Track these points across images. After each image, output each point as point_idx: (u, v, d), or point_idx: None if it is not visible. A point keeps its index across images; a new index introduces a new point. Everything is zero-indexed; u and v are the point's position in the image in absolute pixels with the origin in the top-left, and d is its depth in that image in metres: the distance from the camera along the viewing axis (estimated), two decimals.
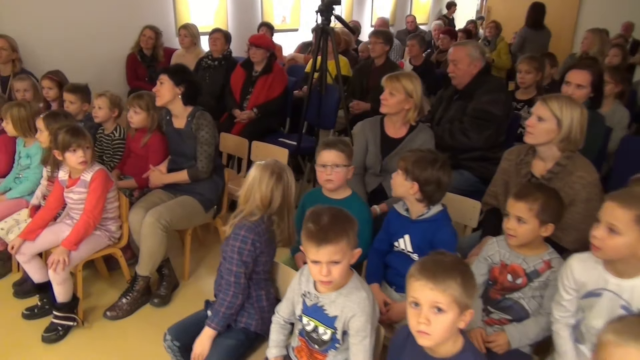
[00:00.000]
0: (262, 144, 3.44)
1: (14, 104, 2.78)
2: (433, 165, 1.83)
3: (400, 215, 1.97)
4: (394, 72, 4.22)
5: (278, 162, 1.83)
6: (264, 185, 1.75)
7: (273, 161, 1.82)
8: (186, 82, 2.69)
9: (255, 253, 1.76)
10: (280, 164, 1.82)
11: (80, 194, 2.39)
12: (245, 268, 1.76)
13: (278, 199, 1.78)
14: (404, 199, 1.94)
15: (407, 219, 1.94)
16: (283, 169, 1.81)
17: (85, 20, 4.57)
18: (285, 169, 1.82)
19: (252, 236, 1.74)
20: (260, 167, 1.78)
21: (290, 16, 6.83)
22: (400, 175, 1.88)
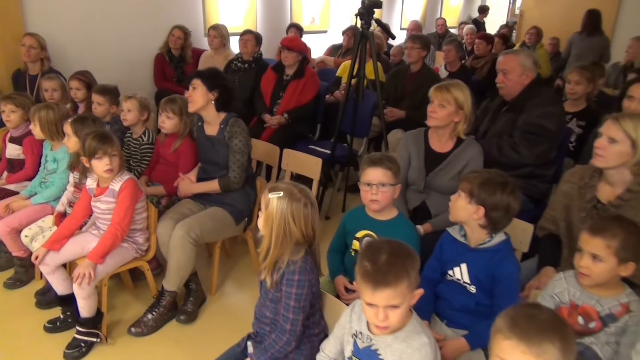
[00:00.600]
0: (294, 152, 3.29)
1: (43, 106, 2.68)
2: (503, 189, 1.66)
3: (456, 241, 1.80)
4: (431, 79, 4.12)
5: (297, 185, 1.62)
6: (301, 218, 1.55)
7: (293, 187, 1.60)
8: (220, 88, 2.55)
9: (312, 292, 1.61)
10: (300, 187, 1.61)
11: (108, 204, 2.27)
12: (304, 313, 1.60)
13: (318, 226, 1.62)
14: (463, 224, 1.77)
15: (465, 246, 1.76)
16: (307, 192, 1.61)
17: (115, 19, 4.49)
18: (307, 190, 1.63)
19: (308, 278, 1.58)
20: (286, 198, 1.54)
21: (319, 17, 6.68)
22: (463, 198, 1.71)
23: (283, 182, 1.63)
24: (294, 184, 1.61)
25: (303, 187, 1.62)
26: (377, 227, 1.98)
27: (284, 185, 1.58)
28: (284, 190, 1.55)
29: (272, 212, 1.53)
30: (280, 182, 1.65)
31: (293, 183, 1.62)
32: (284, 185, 1.58)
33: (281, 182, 1.65)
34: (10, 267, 2.81)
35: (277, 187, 1.57)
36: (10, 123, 2.90)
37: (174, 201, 2.79)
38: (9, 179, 2.90)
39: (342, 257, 2.11)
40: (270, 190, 1.57)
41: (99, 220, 2.34)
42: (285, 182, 1.64)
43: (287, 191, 1.55)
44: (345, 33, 5.68)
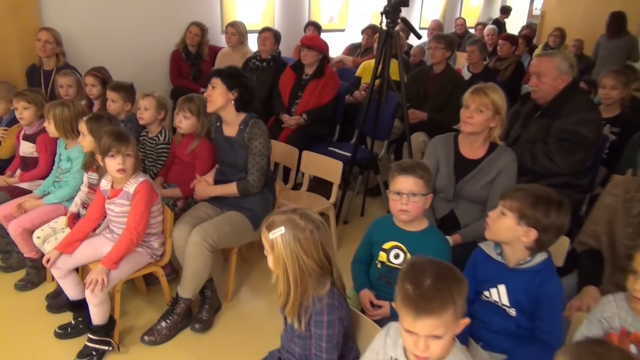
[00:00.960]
0: (313, 155, 3.18)
1: (58, 103, 2.60)
2: (558, 209, 1.53)
3: (491, 260, 1.67)
4: (454, 81, 3.99)
5: (294, 210, 1.43)
6: (313, 249, 1.38)
7: (292, 214, 1.40)
8: (240, 87, 2.45)
9: (343, 326, 1.49)
10: (300, 211, 1.43)
11: (122, 207, 2.18)
12: (338, 350, 1.48)
13: (333, 249, 1.46)
14: (505, 244, 1.63)
15: (502, 266, 1.63)
16: (310, 215, 1.42)
17: (131, 15, 4.42)
18: (308, 213, 1.44)
19: (337, 315, 1.44)
20: (290, 233, 1.36)
21: (337, 16, 6.55)
22: (511, 218, 1.57)
23: (278, 213, 1.43)
24: (291, 211, 1.42)
25: (303, 210, 1.44)
26: (406, 239, 1.86)
27: (281, 217, 1.39)
28: (284, 224, 1.37)
29: (281, 253, 1.37)
30: (275, 213, 1.44)
31: (290, 209, 1.43)
32: (281, 217, 1.39)
33: (276, 212, 1.44)
34: (22, 268, 2.73)
35: (274, 222, 1.38)
36: (24, 120, 2.83)
37: (190, 204, 2.69)
38: (22, 177, 2.83)
39: (367, 268, 2.00)
40: (269, 229, 1.38)
41: (113, 223, 2.25)
42: (281, 210, 1.44)
43: (288, 224, 1.37)
44: (365, 32, 5.56)
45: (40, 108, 2.82)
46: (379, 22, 2.98)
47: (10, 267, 2.78)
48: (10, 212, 2.60)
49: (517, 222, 1.55)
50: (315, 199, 3.14)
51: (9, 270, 2.77)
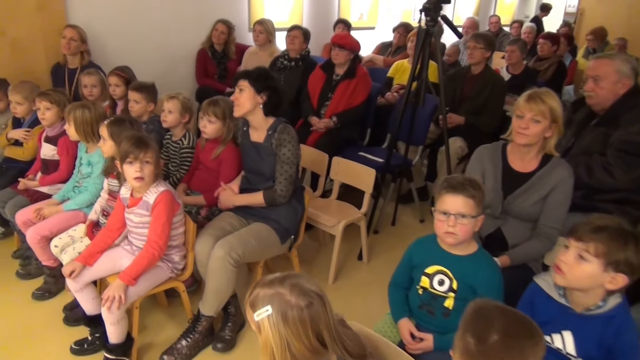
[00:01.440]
0: (344, 161, 3.00)
1: (79, 105, 2.48)
2: None
3: (551, 300, 1.46)
4: (493, 82, 3.74)
5: (284, 277, 1.15)
6: (308, 329, 1.10)
7: (279, 285, 1.12)
8: (269, 90, 2.28)
9: None
10: (291, 281, 1.13)
11: (142, 217, 2.04)
12: None
13: (332, 326, 1.14)
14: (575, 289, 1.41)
15: (567, 309, 1.41)
16: (302, 286, 1.13)
17: (157, 12, 4.30)
18: (300, 281, 1.14)
19: None
20: (278, 314, 1.09)
21: (367, 14, 6.34)
22: (596, 265, 1.32)
23: (264, 285, 1.14)
24: (279, 281, 1.13)
25: (294, 279, 1.14)
26: (452, 263, 1.67)
27: (267, 292, 1.11)
28: (271, 301, 1.10)
29: (269, 339, 1.10)
30: (261, 284, 1.15)
31: (278, 279, 1.14)
32: (267, 292, 1.11)
33: (261, 283, 1.15)
34: (40, 275, 2.64)
35: (259, 299, 1.11)
36: (45, 121, 2.73)
37: (214, 212, 2.54)
38: (43, 180, 2.73)
39: (406, 294, 1.80)
40: (253, 308, 1.12)
41: (132, 234, 2.11)
42: (267, 281, 1.15)
43: (275, 301, 1.10)
44: (397, 30, 5.33)
45: (63, 109, 2.71)
46: (418, 19, 2.76)
47: (28, 274, 2.68)
48: (29, 217, 2.50)
49: (603, 268, 1.32)
50: (345, 208, 2.96)
51: (27, 278, 2.68)
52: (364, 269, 3.00)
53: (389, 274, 2.93)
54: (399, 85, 4.17)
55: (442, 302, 1.67)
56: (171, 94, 2.73)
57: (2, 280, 2.67)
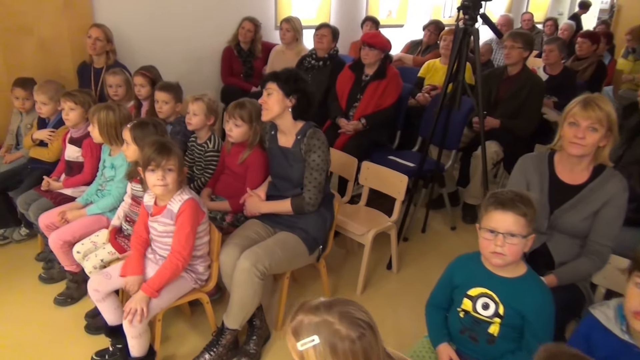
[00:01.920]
0: (374, 166, 2.87)
1: (103, 106, 2.41)
2: None
3: (611, 335, 1.30)
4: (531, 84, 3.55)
5: (330, 304, 1.01)
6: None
7: (325, 313, 1.00)
8: (299, 93, 2.17)
9: None
10: (343, 307, 1.01)
11: (166, 226, 1.95)
12: None
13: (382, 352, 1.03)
14: None
15: (632, 348, 1.26)
16: (353, 315, 1.00)
17: (183, 10, 4.23)
18: (351, 310, 1.01)
19: None
20: (326, 345, 0.96)
21: (396, 11, 6.17)
22: None
23: (308, 311, 1.01)
24: (325, 308, 1.00)
25: (343, 307, 1.01)
26: (498, 286, 1.53)
27: (314, 320, 0.98)
28: (316, 330, 0.97)
29: None
30: (304, 310, 1.02)
31: (324, 304, 1.01)
32: (314, 320, 0.98)
33: (305, 309, 1.02)
34: (63, 280, 2.59)
35: (304, 327, 0.99)
36: (69, 122, 2.68)
37: (239, 218, 2.45)
38: (66, 182, 2.68)
39: (445, 315, 1.67)
40: (296, 336, 0.99)
41: (156, 243, 2.03)
42: (312, 307, 1.02)
43: (322, 330, 0.97)
44: (427, 28, 5.17)
45: (87, 110, 2.66)
46: (456, 18, 2.61)
47: (51, 278, 2.64)
48: (52, 220, 2.45)
49: None
50: (374, 215, 2.83)
51: (49, 282, 2.63)
52: (394, 279, 2.87)
53: (420, 284, 2.82)
54: (430, 86, 4.02)
55: (487, 328, 1.53)
56: (196, 95, 2.64)
57: (25, 284, 2.64)
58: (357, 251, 3.05)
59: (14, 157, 3.12)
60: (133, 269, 1.97)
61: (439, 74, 4.09)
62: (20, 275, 2.72)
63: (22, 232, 3.02)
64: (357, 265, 2.79)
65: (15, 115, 3.28)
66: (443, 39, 4.03)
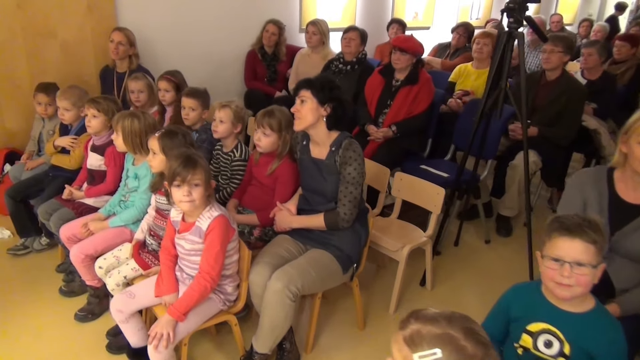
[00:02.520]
0: (408, 177, 2.72)
1: (127, 114, 2.31)
2: None
3: None
4: (572, 90, 3.35)
5: (455, 317, 0.91)
6: None
7: (450, 323, 0.89)
8: (334, 101, 2.04)
9: None
10: (465, 323, 0.90)
11: (194, 244, 1.83)
12: None
13: None
14: None
15: None
16: (477, 334, 0.89)
17: (207, 13, 4.15)
18: (475, 325, 0.91)
19: None
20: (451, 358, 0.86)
21: (423, 12, 6.01)
22: None
23: (426, 320, 0.90)
24: (446, 320, 0.90)
25: (464, 323, 0.90)
26: (564, 322, 1.37)
27: (435, 332, 0.88)
28: (439, 343, 0.87)
29: None
30: (421, 318, 0.91)
31: (444, 316, 0.91)
32: (435, 332, 0.88)
33: (422, 318, 0.91)
34: (84, 293, 2.49)
35: (423, 337, 0.88)
36: (91, 129, 2.59)
37: (268, 232, 2.33)
38: (88, 192, 2.58)
39: (500, 349, 1.52)
40: (410, 344, 0.89)
41: (183, 261, 1.91)
42: (429, 316, 0.91)
43: (446, 345, 0.86)
44: (456, 31, 4.99)
45: (110, 118, 2.57)
46: (499, 21, 2.45)
47: (72, 292, 2.55)
48: (74, 232, 2.35)
49: None
50: (408, 230, 2.69)
51: (70, 295, 2.54)
52: (428, 297, 2.71)
53: (455, 302, 2.66)
54: (462, 91, 3.85)
55: None
56: (223, 102, 2.54)
57: (45, 298, 2.55)
58: (388, 265, 2.90)
59: (36, 163, 3.05)
60: (168, 288, 1.86)
61: (471, 78, 3.92)
62: (41, 287, 2.64)
63: (42, 242, 2.95)
64: (389, 281, 2.65)
65: (37, 120, 3.22)
66: (476, 42, 3.86)
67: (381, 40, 5.42)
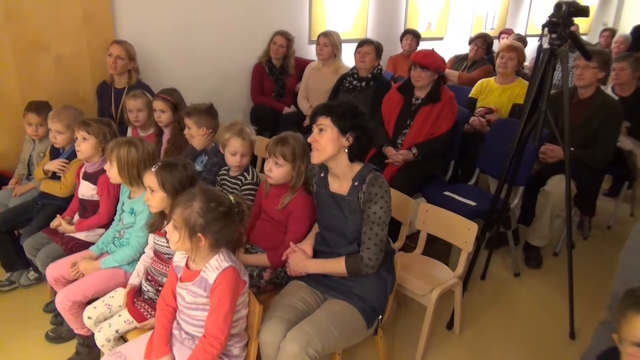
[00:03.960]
0: (433, 209, 2.46)
1: (123, 142, 2.06)
2: None
3: None
4: (608, 109, 3.09)
5: None
6: None
7: None
8: (358, 130, 1.79)
9: None
10: None
11: (197, 297, 1.58)
12: None
13: None
14: None
15: None
16: None
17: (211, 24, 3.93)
18: None
19: None
20: None
21: (436, 23, 5.78)
22: None
23: None
24: None
25: None
26: None
27: None
28: None
29: None
30: None
31: None
32: None
33: None
34: (73, 339, 2.23)
35: None
36: (81, 153, 2.36)
37: (279, 274, 2.07)
38: (79, 225, 2.33)
39: None
40: None
41: (182, 314, 1.65)
42: None
43: None
44: (474, 42, 4.76)
45: (101, 141, 2.33)
46: (539, 37, 2.21)
47: (59, 338, 2.29)
48: (62, 273, 2.11)
49: None
50: (434, 267, 2.42)
51: (58, 341, 2.29)
52: (456, 342, 2.45)
53: (487, 350, 2.40)
54: (484, 109, 3.60)
55: None
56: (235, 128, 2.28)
57: (30, 342, 2.30)
58: (410, 304, 2.64)
59: (25, 189, 2.81)
60: (160, 350, 1.60)
61: (495, 94, 3.68)
62: (26, 329, 2.39)
63: (30, 277, 2.70)
64: (412, 323, 2.43)
65: (27, 142, 2.98)
66: (500, 56, 3.62)
67: (394, 51, 5.19)
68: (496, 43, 5.35)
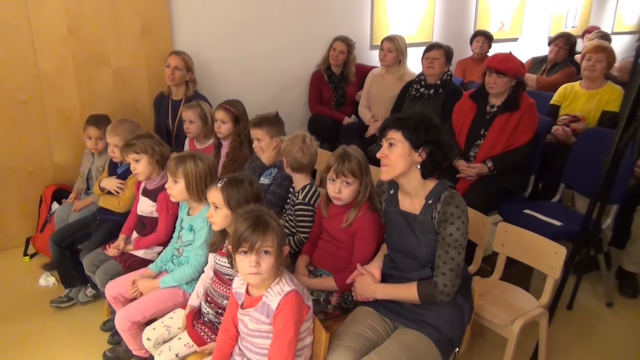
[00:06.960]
0: (514, 229, 2.36)
1: (186, 156, 2.12)
2: None
3: None
4: None
5: None
6: None
7: None
8: (432, 145, 1.75)
9: None
10: None
11: (259, 324, 1.59)
12: None
13: None
14: None
15: None
16: None
17: (268, 32, 4.03)
18: None
19: None
20: None
21: (510, 22, 5.62)
22: None
23: None
24: None
25: None
26: None
27: None
28: None
29: None
30: None
31: None
32: None
33: None
34: (131, 359, 2.31)
35: None
36: (139, 175, 2.44)
37: (347, 299, 2.04)
38: (137, 244, 2.43)
39: None
40: None
41: (244, 342, 1.68)
42: None
43: None
44: (554, 43, 4.58)
45: (152, 155, 2.41)
46: (636, 32, 2.08)
47: (117, 358, 2.38)
48: (120, 292, 2.21)
49: None
50: (514, 295, 2.32)
51: None
52: None
53: None
54: (569, 116, 3.44)
55: None
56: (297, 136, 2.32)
57: None
58: (487, 334, 2.54)
59: (84, 204, 2.97)
60: None
61: (580, 101, 3.51)
62: (83, 347, 2.50)
63: (88, 293, 2.83)
64: (490, 356, 2.36)
65: (86, 155, 3.16)
66: (586, 57, 3.45)
67: (463, 55, 5.09)
68: (579, 43, 5.13)
